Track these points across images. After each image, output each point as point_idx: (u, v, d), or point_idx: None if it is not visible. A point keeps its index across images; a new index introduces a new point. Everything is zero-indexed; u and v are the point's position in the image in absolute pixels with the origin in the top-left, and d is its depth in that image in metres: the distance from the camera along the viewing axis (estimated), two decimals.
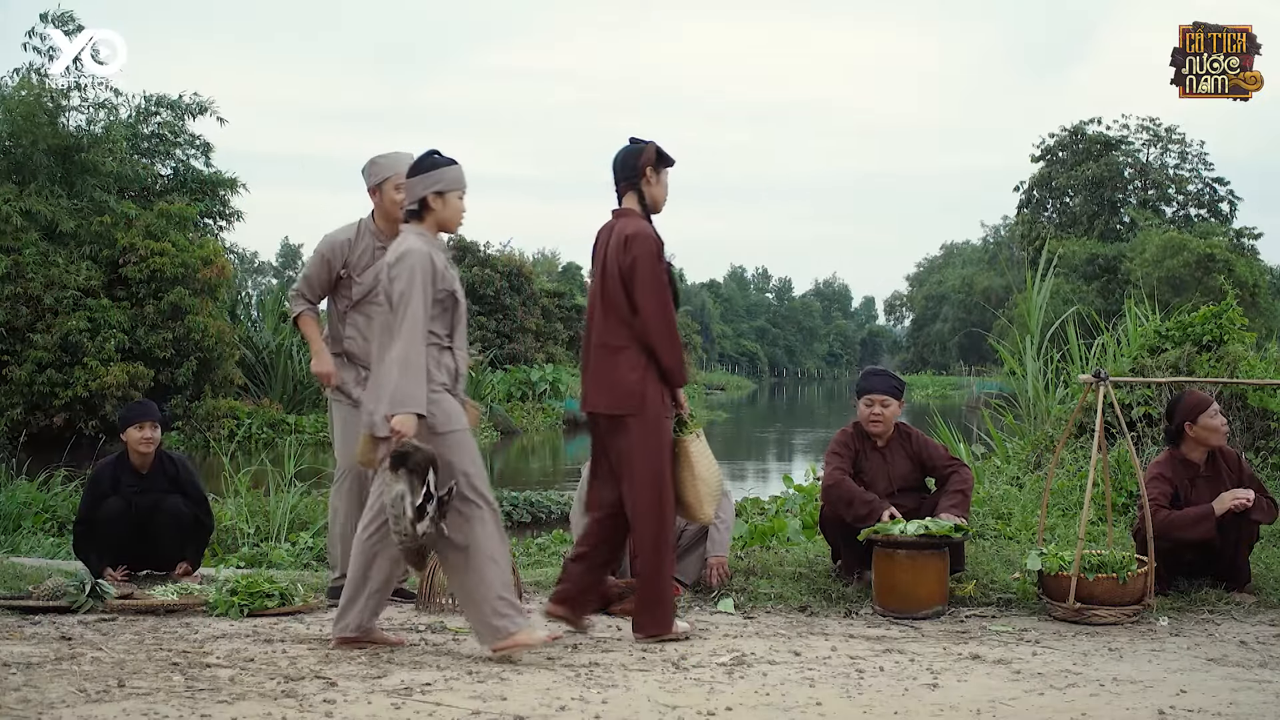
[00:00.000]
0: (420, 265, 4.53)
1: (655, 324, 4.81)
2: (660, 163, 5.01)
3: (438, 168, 4.70)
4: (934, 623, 5.44)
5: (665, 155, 5.01)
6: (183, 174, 25.02)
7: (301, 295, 5.67)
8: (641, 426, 4.83)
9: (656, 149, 4.99)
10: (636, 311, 4.83)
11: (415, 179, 4.70)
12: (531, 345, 38.77)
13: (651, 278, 4.81)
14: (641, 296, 4.81)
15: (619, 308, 4.87)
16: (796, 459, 22.11)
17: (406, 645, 4.83)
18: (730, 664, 4.57)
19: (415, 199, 4.69)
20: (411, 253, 4.56)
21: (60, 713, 3.71)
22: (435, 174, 4.69)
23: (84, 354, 19.56)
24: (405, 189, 4.79)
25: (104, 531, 6.20)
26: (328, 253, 5.58)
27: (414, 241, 4.61)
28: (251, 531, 9.22)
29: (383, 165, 5.51)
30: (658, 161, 5.00)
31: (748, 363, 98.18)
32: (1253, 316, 24.97)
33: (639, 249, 4.83)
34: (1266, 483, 6.74)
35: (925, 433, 6.28)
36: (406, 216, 4.73)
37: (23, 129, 20.88)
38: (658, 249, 4.86)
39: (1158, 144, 51.19)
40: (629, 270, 4.83)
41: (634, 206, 4.99)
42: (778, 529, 7.72)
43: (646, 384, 4.84)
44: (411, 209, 4.71)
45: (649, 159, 4.98)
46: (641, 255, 4.82)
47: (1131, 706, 4.02)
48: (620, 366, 4.86)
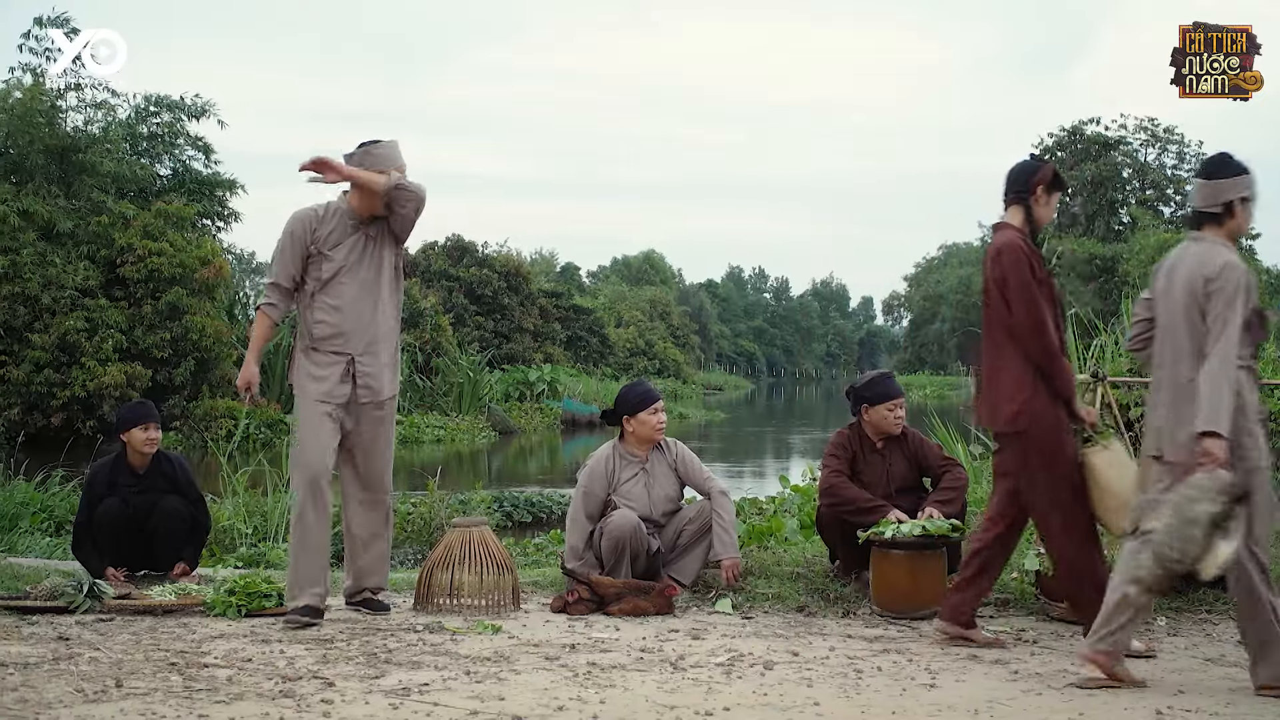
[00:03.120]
0: (1244, 283, 4.22)
1: (1027, 336, 4.71)
2: (1054, 185, 4.92)
3: (1243, 173, 4.42)
4: (932, 623, 5.44)
5: (1060, 179, 4.95)
6: (181, 174, 25.00)
7: (276, 285, 5.44)
8: (1030, 444, 4.73)
9: (1054, 171, 4.94)
10: (1014, 325, 4.74)
11: (1220, 183, 4.39)
12: (529, 345, 38.78)
13: (1021, 290, 4.72)
14: (1014, 308, 4.73)
15: (1000, 323, 4.79)
16: (794, 459, 22.10)
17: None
18: (728, 664, 4.57)
19: (1217, 203, 4.38)
20: (1234, 267, 4.25)
21: (58, 713, 3.71)
22: (1243, 180, 4.40)
23: (82, 354, 19.55)
24: (1205, 191, 4.41)
25: (102, 532, 6.19)
26: (297, 229, 5.41)
27: (1227, 255, 4.30)
28: (249, 532, 9.21)
29: (380, 156, 5.39)
30: (1051, 183, 4.92)
31: (745, 363, 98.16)
32: None
33: (1008, 261, 4.75)
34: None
35: (923, 433, 6.29)
36: (1197, 221, 4.46)
37: (20, 129, 20.87)
38: (1028, 261, 4.75)
39: (1156, 144, 51.20)
40: (1001, 284, 4.77)
41: (1014, 221, 4.90)
42: (775, 529, 7.72)
43: (1034, 400, 4.72)
44: (1210, 212, 4.40)
45: (1044, 178, 4.90)
46: (1010, 267, 4.73)
47: (1130, 706, 4.02)
48: (1007, 384, 4.77)
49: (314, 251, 5.42)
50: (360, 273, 5.41)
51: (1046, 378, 4.72)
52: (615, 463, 6.02)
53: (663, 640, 5.04)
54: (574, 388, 35.68)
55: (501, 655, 4.68)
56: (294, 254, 5.42)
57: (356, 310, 5.40)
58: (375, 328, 5.44)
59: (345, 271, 5.39)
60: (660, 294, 67.86)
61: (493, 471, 19.74)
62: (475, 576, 5.64)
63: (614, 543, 5.74)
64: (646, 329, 56.55)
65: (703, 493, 6.04)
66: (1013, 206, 4.93)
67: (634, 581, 5.69)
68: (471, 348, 33.31)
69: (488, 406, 29.15)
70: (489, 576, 5.66)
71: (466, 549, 5.71)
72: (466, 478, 17.14)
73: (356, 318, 5.40)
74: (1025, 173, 4.93)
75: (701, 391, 56.34)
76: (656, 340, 56.03)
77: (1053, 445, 4.72)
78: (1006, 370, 4.78)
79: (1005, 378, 4.78)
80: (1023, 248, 4.78)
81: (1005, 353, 4.79)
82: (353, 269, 5.40)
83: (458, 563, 5.67)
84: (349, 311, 5.39)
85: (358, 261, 5.41)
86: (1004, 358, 4.80)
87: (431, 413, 27.74)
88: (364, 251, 5.43)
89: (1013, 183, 4.95)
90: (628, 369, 48.01)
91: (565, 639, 5.04)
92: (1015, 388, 4.74)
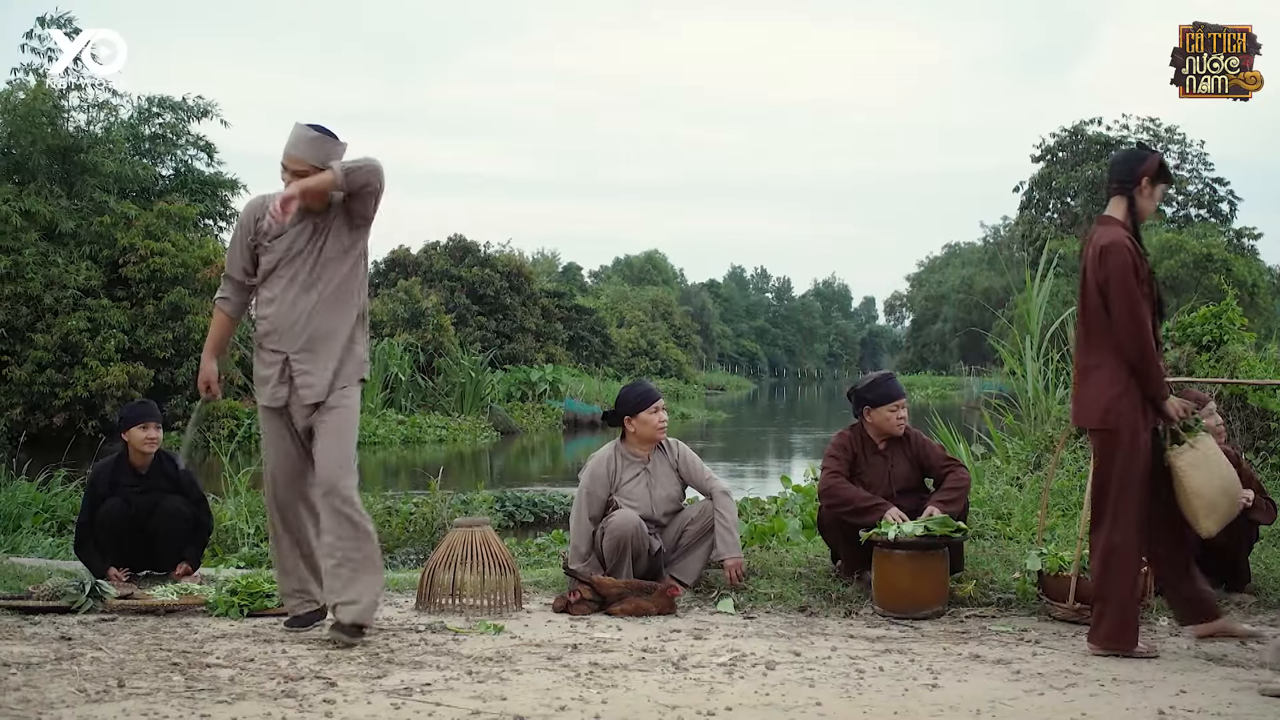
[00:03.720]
0: None
1: (1126, 337, 4.67)
2: (1159, 176, 4.84)
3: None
4: (934, 623, 5.45)
5: (1166, 170, 4.86)
6: (184, 174, 25.02)
7: (228, 277, 5.16)
8: (1113, 443, 4.71)
9: (1160, 161, 4.85)
10: (1112, 324, 4.71)
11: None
12: (531, 345, 38.78)
13: (1124, 291, 4.66)
14: (1114, 309, 4.68)
15: (1098, 321, 4.75)
16: (796, 459, 22.10)
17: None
18: (730, 664, 4.57)
19: None
20: None
21: (60, 713, 3.71)
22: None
23: (84, 354, 19.57)
24: None
25: (104, 532, 6.20)
26: (244, 218, 5.12)
27: None
28: (251, 531, 9.22)
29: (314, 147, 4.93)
30: (1157, 174, 4.83)
31: (747, 363, 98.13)
32: (1252, 316, 24.95)
33: (1113, 264, 4.68)
34: (1266, 483, 6.75)
35: (925, 433, 6.29)
36: None
37: (23, 129, 20.89)
38: (1133, 262, 4.70)
39: (1157, 144, 51.12)
40: (1104, 284, 4.71)
41: (1117, 214, 4.83)
42: (777, 529, 7.73)
43: (1122, 400, 4.69)
44: None
45: (1150, 169, 4.82)
46: (1116, 269, 4.67)
47: (1131, 706, 4.02)
48: (1098, 382, 4.74)
49: (254, 243, 5.06)
50: (298, 265, 4.96)
51: (1140, 378, 4.69)
52: (617, 463, 6.03)
53: (665, 640, 5.04)
54: (576, 388, 35.69)
55: (504, 655, 4.69)
56: (241, 245, 5.09)
57: (291, 306, 4.96)
58: (314, 325, 4.96)
59: (284, 264, 4.98)
60: (662, 294, 67.85)
61: (495, 472, 19.75)
62: (477, 576, 5.65)
63: (615, 543, 5.75)
64: (648, 329, 56.54)
65: (704, 493, 6.04)
66: (1116, 198, 4.85)
67: (636, 582, 5.69)
68: (473, 348, 33.30)
69: (490, 406, 29.16)
70: (491, 576, 5.66)
71: (469, 549, 5.71)
72: (468, 478, 17.16)
73: (290, 314, 4.96)
74: (1131, 162, 4.85)
75: (703, 391, 56.32)
76: (658, 340, 56.03)
77: (1131, 444, 4.70)
78: (1100, 369, 4.75)
79: (1098, 376, 4.74)
80: (1129, 248, 4.72)
81: (1099, 351, 4.75)
82: (291, 261, 4.97)
83: (460, 563, 5.68)
84: (282, 307, 4.97)
85: (299, 254, 4.97)
86: (1097, 355, 4.76)
87: (434, 413, 27.76)
88: (309, 242, 4.97)
89: (1117, 173, 4.86)
90: (630, 369, 48.02)
91: (567, 639, 5.04)
92: (1106, 385, 4.71)
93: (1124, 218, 4.82)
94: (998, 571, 6.03)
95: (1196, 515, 4.73)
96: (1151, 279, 4.78)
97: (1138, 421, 4.70)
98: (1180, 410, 4.78)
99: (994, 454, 10.68)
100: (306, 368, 4.95)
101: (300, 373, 4.95)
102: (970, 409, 21.27)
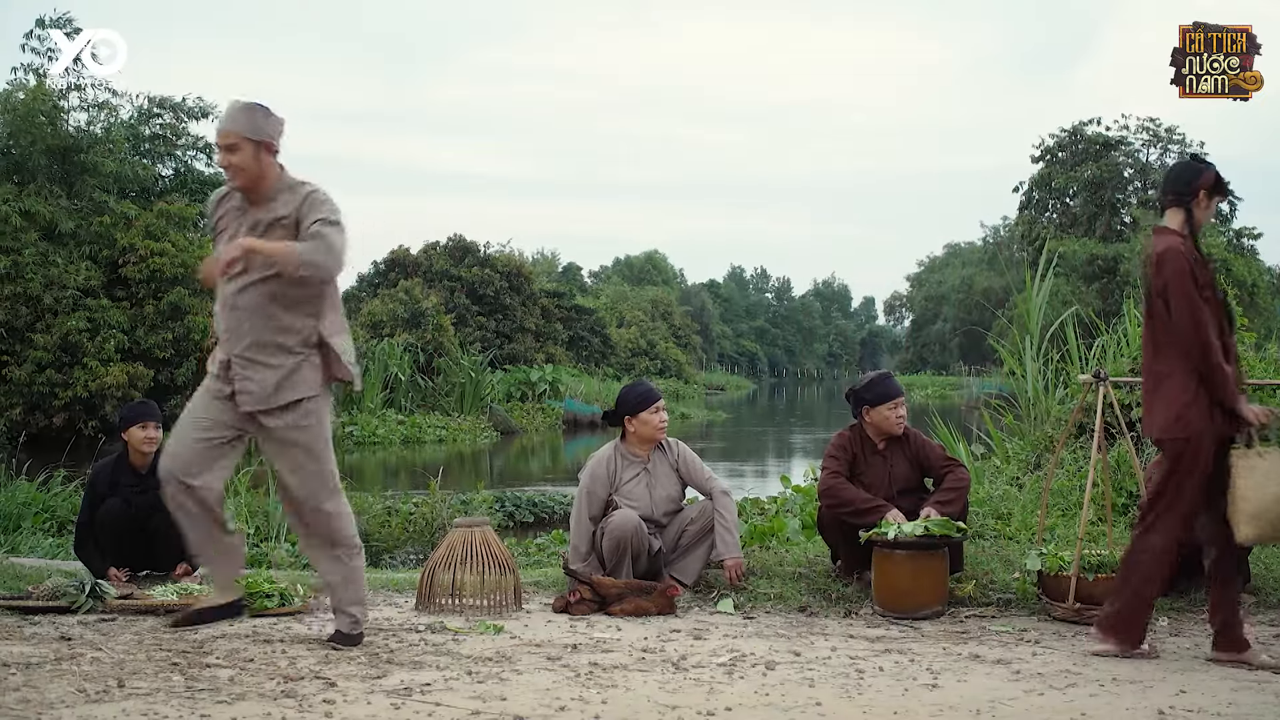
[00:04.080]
0: None
1: (1189, 342, 4.66)
2: (1216, 189, 4.86)
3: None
4: (934, 623, 5.45)
5: (1223, 184, 4.88)
6: (183, 174, 25.04)
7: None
8: (1182, 450, 4.69)
9: (1217, 175, 4.87)
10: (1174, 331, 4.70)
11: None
12: (531, 345, 38.79)
13: (1182, 295, 4.67)
14: (1175, 314, 4.69)
15: (1164, 329, 4.75)
16: (796, 459, 22.10)
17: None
18: (730, 664, 4.57)
19: None
20: None
21: (60, 713, 3.71)
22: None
23: (84, 354, 19.58)
24: None
25: (104, 532, 6.20)
26: (208, 210, 4.92)
27: None
28: (251, 532, 9.21)
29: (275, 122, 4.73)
30: (1214, 187, 4.86)
31: (747, 363, 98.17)
32: (1252, 316, 24.99)
33: (1170, 268, 4.69)
34: None
35: (925, 433, 6.29)
36: None
37: (22, 129, 20.90)
38: (1190, 269, 4.70)
39: (1157, 144, 51.18)
40: (1163, 291, 4.72)
41: (1173, 224, 4.84)
42: (777, 529, 7.73)
43: (1192, 408, 4.68)
44: None
45: (1207, 182, 4.84)
46: (1172, 274, 4.68)
47: (1131, 706, 4.02)
48: (1168, 391, 4.73)
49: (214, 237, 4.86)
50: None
51: (1208, 385, 4.68)
52: (617, 463, 6.03)
53: (664, 640, 5.04)
54: (576, 388, 35.70)
55: (503, 655, 4.69)
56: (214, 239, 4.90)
57: (231, 306, 4.70)
58: (256, 331, 4.66)
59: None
60: (662, 294, 67.86)
61: (494, 472, 19.75)
62: (477, 576, 5.65)
63: (615, 543, 5.75)
64: (648, 329, 56.56)
65: (704, 493, 6.04)
66: (1172, 209, 4.86)
67: (636, 582, 5.69)
68: (473, 348, 33.31)
69: (489, 406, 29.16)
70: (491, 576, 5.66)
71: (468, 549, 5.71)
72: (468, 478, 17.16)
73: (229, 315, 4.71)
74: (1188, 174, 4.87)
75: (703, 391, 56.34)
76: (658, 340, 56.05)
77: (1195, 450, 4.69)
78: (1170, 378, 4.74)
79: (1168, 385, 4.74)
80: (1185, 254, 4.73)
81: (1168, 360, 4.75)
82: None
83: (459, 563, 5.68)
84: (224, 306, 4.73)
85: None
86: (1166, 364, 4.76)
87: (433, 413, 27.77)
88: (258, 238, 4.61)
89: (1174, 185, 4.88)
90: (630, 369, 48.03)
91: (567, 639, 5.04)
92: (1176, 393, 4.71)
93: (1180, 227, 4.84)
94: (997, 571, 6.04)
95: (1238, 519, 4.70)
96: (1213, 285, 4.78)
97: (1205, 429, 4.70)
98: (1261, 416, 4.76)
99: (994, 454, 10.68)
100: (247, 373, 4.70)
101: (241, 378, 4.71)
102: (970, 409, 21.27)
